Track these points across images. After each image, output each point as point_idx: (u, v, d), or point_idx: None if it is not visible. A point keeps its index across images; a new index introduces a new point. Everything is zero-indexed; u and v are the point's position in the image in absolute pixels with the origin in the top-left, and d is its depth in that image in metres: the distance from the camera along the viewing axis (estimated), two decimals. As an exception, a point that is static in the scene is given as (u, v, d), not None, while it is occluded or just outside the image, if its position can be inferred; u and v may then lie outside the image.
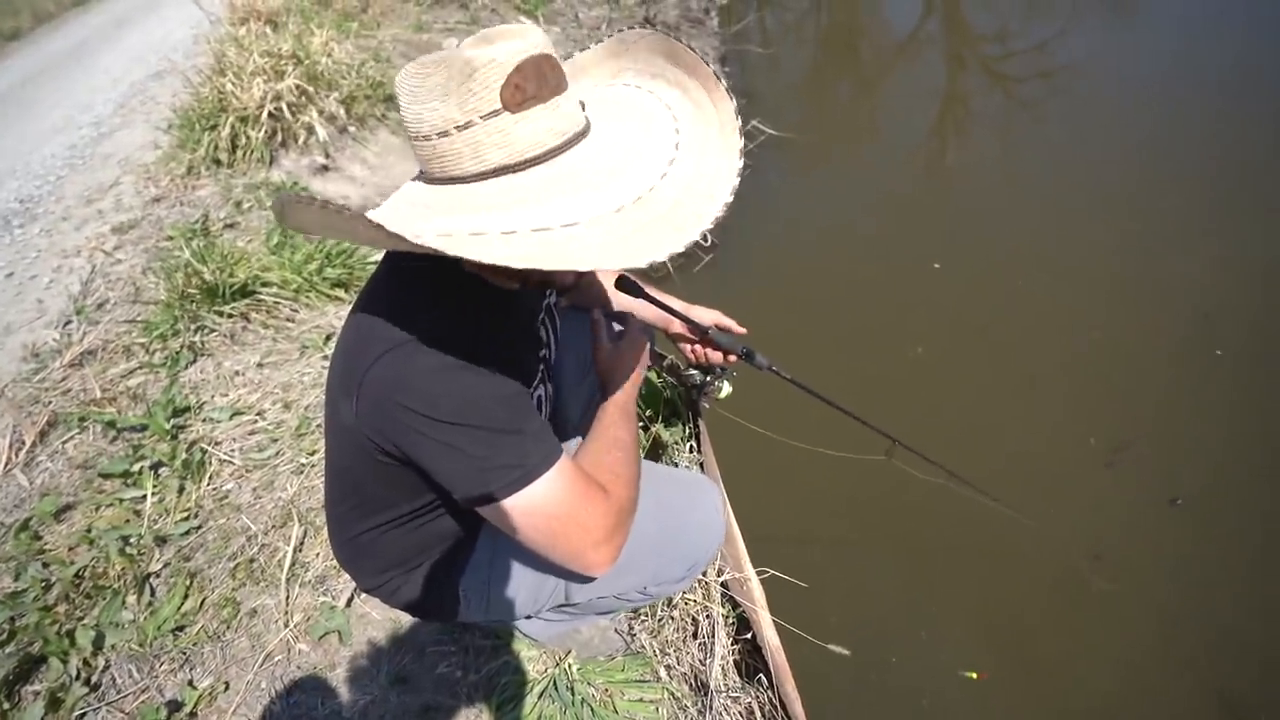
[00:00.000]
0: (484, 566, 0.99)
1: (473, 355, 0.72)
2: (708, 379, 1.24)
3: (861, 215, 3.42)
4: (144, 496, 1.61)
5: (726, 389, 1.24)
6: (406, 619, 1.33)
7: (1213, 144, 3.53)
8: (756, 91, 4.95)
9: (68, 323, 2.30)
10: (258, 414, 1.87)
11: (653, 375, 1.62)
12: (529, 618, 1.11)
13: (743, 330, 1.23)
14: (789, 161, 4.01)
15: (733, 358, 1.22)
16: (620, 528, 0.78)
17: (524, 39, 0.64)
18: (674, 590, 1.12)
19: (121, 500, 1.62)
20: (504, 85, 0.62)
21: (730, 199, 0.68)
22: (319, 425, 1.78)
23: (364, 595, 1.36)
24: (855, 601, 1.70)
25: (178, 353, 2.06)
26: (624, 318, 1.23)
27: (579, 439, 0.95)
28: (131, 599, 1.40)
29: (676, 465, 1.53)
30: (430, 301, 0.75)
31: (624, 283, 1.07)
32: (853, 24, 6.58)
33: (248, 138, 3.14)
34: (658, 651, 1.20)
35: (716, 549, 1.07)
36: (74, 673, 1.27)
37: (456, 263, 0.61)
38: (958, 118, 4.56)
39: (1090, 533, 1.88)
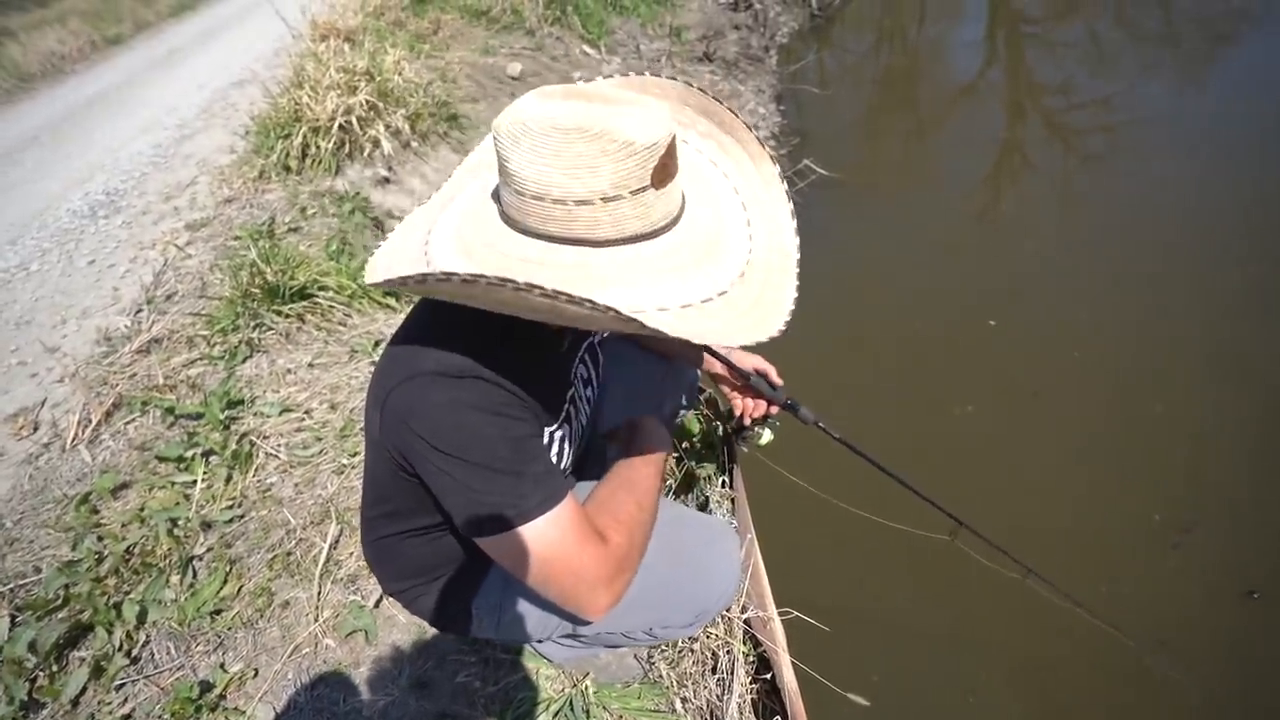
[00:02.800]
0: (497, 589, 1.02)
1: (486, 394, 0.75)
2: (749, 425, 1.24)
3: (912, 264, 3.38)
4: (194, 482, 1.69)
5: (767, 436, 1.22)
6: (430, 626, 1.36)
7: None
8: (810, 131, 4.99)
9: (138, 311, 2.44)
10: (305, 412, 1.95)
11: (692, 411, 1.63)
12: (540, 642, 1.13)
13: (780, 382, 1.21)
14: (840, 203, 4.01)
15: (775, 408, 1.20)
16: (619, 575, 0.78)
17: (657, 112, 0.66)
18: (681, 635, 1.10)
19: (173, 484, 1.70)
20: (656, 166, 0.65)
21: (798, 254, 0.76)
22: (362, 428, 1.84)
23: (389, 598, 1.40)
24: (879, 653, 1.66)
25: (236, 347, 2.16)
26: (665, 353, 1.25)
27: None
28: (175, 579, 1.47)
29: (707, 500, 1.53)
30: (462, 334, 0.76)
31: None
32: (912, 68, 6.60)
33: (318, 147, 3.30)
34: (675, 683, 1.20)
35: (728, 599, 1.05)
36: (117, 644, 1.33)
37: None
38: (1015, 168, 4.51)
39: (1153, 616, 1.76)
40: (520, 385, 0.79)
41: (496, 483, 0.74)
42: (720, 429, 1.57)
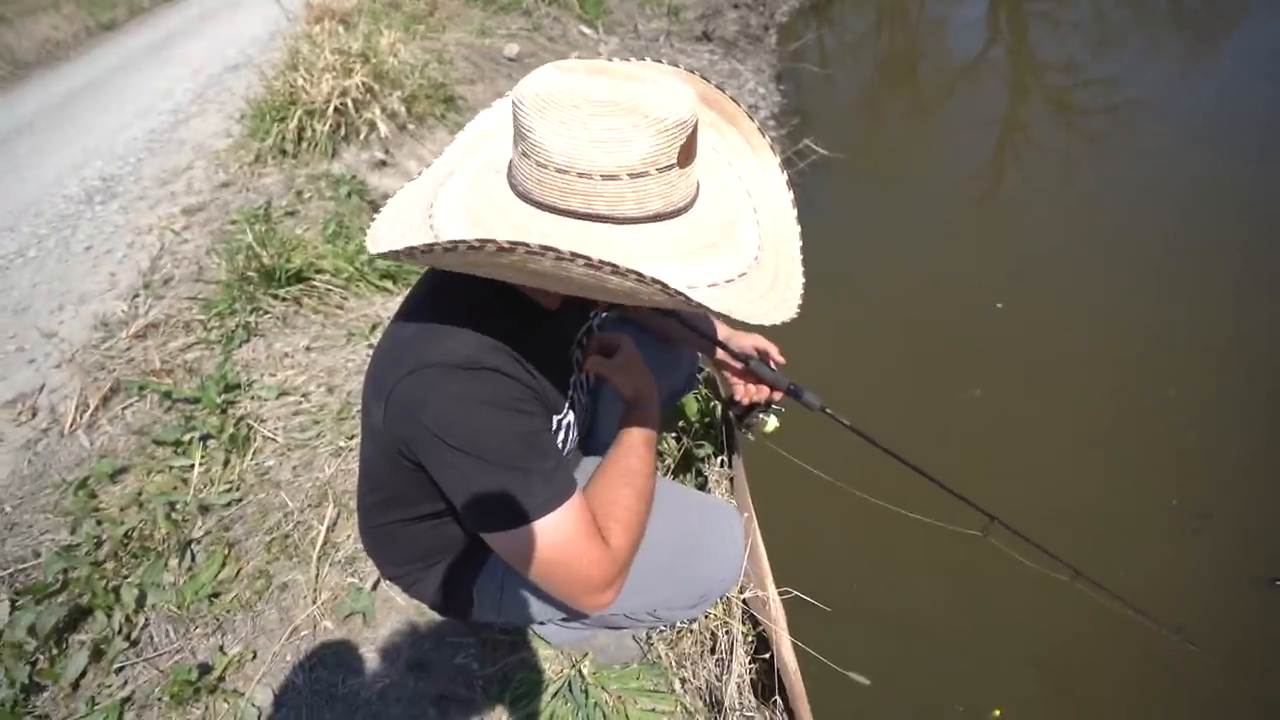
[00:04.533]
0: (498, 573, 1.01)
1: (498, 388, 0.73)
2: (753, 412, 1.21)
3: (915, 244, 3.35)
4: (192, 466, 1.69)
5: (773, 423, 1.19)
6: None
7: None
8: (810, 111, 4.93)
9: (135, 296, 2.43)
10: (302, 395, 1.94)
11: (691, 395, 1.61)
12: (542, 624, 1.12)
13: (781, 360, 1.19)
14: (841, 183, 3.97)
15: (779, 394, 1.18)
16: (618, 577, 0.78)
17: (685, 90, 0.66)
18: (683, 617, 1.10)
19: (171, 468, 1.70)
20: (683, 145, 0.64)
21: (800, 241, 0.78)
22: (359, 411, 1.83)
23: (387, 582, 1.40)
24: (881, 633, 1.65)
25: (233, 331, 2.15)
26: (665, 337, 1.23)
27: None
28: (174, 562, 1.47)
29: (705, 480, 1.52)
30: (467, 320, 0.75)
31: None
32: (914, 47, 6.51)
33: (313, 130, 3.27)
34: (674, 663, 1.20)
35: (732, 582, 1.05)
36: (116, 627, 1.33)
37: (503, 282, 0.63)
38: (1018, 148, 4.45)
39: (1170, 601, 1.73)
40: (530, 374, 0.78)
41: (505, 479, 0.73)
42: (719, 409, 1.55)
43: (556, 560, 0.74)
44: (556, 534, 0.74)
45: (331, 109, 3.30)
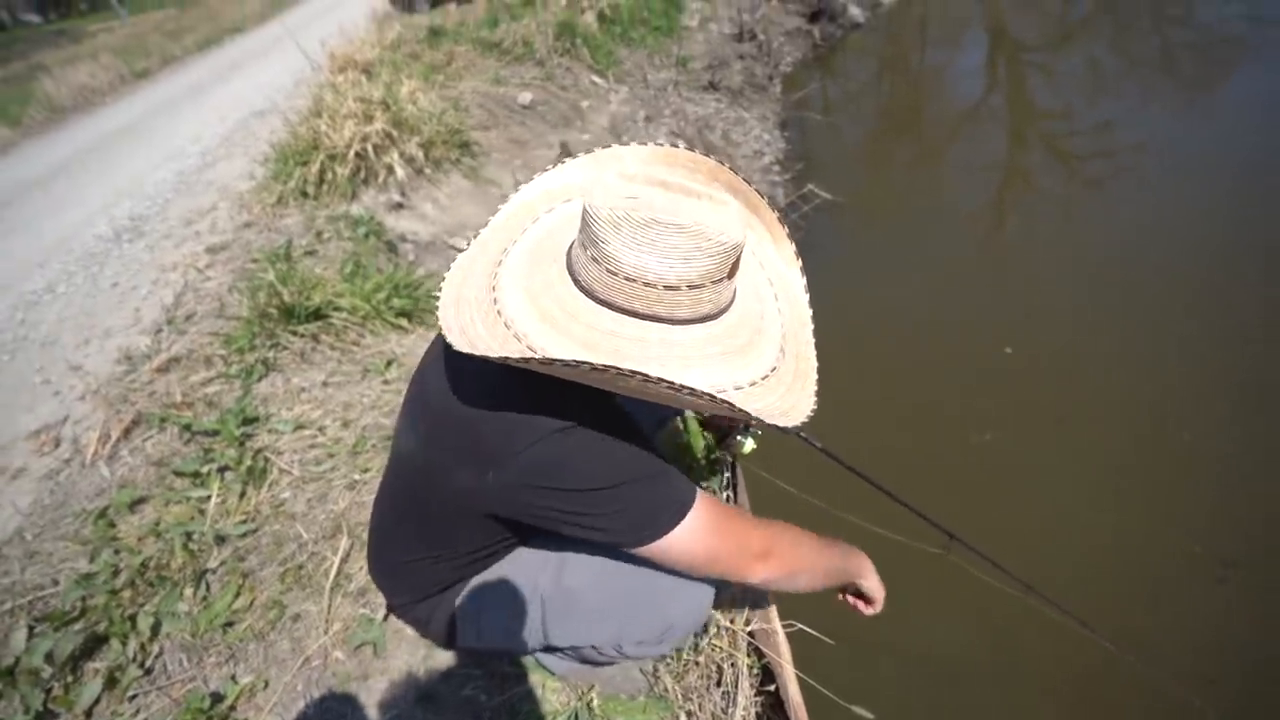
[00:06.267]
0: (476, 598, 1.05)
1: (609, 421, 0.83)
2: (732, 434, 1.25)
3: (919, 288, 3.39)
4: (209, 497, 1.73)
5: (750, 445, 1.23)
6: (438, 638, 1.37)
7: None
8: (814, 157, 5.08)
9: (159, 331, 2.51)
10: (319, 429, 1.99)
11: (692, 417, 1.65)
12: (529, 653, 1.15)
13: None
14: (845, 228, 4.06)
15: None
16: (773, 552, 0.90)
17: (732, 210, 0.75)
18: (652, 653, 1.11)
19: (189, 499, 1.74)
20: (735, 261, 0.74)
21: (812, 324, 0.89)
22: (374, 445, 1.88)
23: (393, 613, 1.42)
24: (885, 667, 1.64)
25: (252, 366, 2.21)
26: None
27: None
28: (189, 591, 1.50)
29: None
30: (557, 392, 0.80)
31: None
32: (914, 95, 6.71)
33: (334, 174, 3.41)
34: (680, 696, 1.21)
35: (698, 618, 1.07)
36: (131, 655, 1.35)
37: None
38: (1018, 193, 4.54)
39: (1199, 651, 1.74)
40: (617, 408, 0.88)
41: (656, 487, 0.83)
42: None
43: (720, 530, 0.86)
44: (709, 514, 0.85)
45: (352, 153, 3.44)
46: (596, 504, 0.81)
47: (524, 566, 1.04)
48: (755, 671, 1.24)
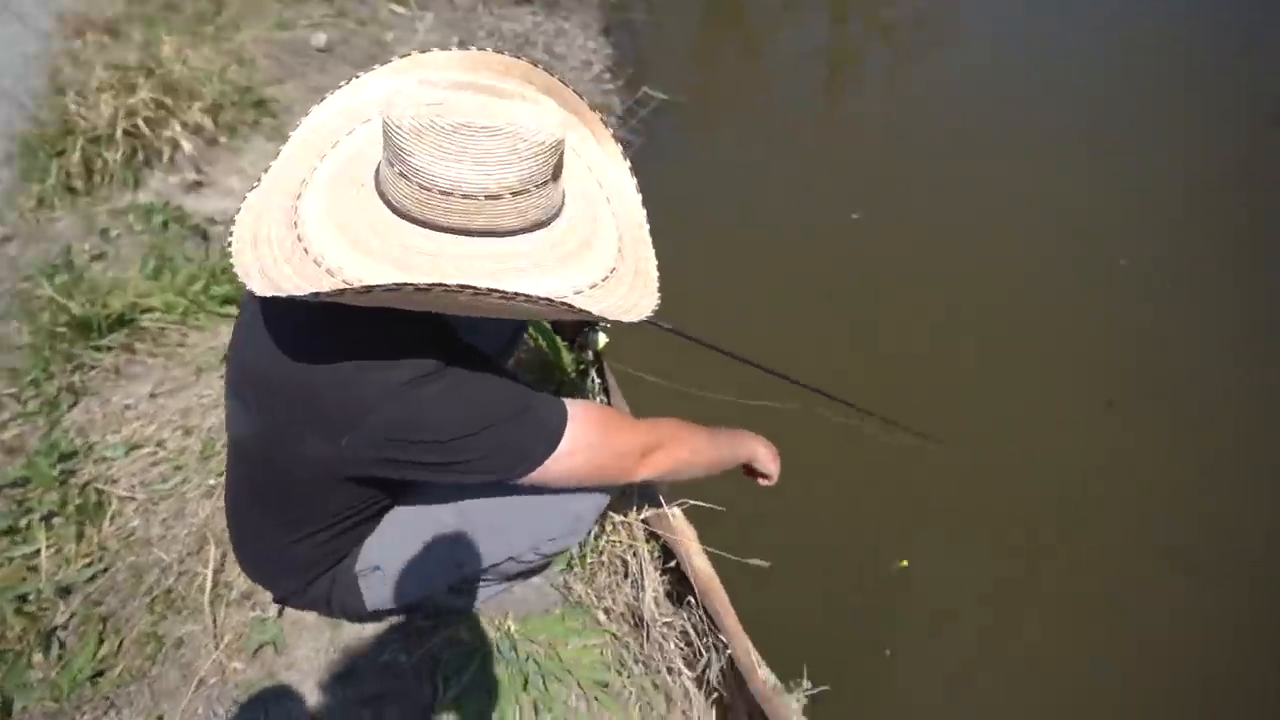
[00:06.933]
0: (373, 554, 1.01)
1: (468, 363, 0.79)
2: (581, 332, 1.24)
3: (765, 173, 3.50)
4: (37, 551, 1.51)
5: (603, 339, 1.24)
6: (343, 617, 1.31)
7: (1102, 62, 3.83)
8: (645, 58, 4.95)
9: (-79, 389, 2.09)
10: (157, 444, 1.77)
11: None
12: (449, 593, 1.13)
13: None
14: (686, 125, 4.05)
15: None
16: (654, 452, 0.91)
17: (549, 107, 0.71)
18: (567, 545, 1.13)
19: (11, 559, 1.51)
20: (557, 160, 0.69)
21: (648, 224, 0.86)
22: (224, 445, 1.70)
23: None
24: (774, 521, 1.77)
25: (56, 396, 1.91)
26: None
27: None
28: (38, 657, 1.32)
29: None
30: (400, 338, 0.77)
31: None
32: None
33: (103, 160, 2.90)
34: (594, 598, 1.24)
35: (605, 497, 1.09)
36: (-15, 744, 1.19)
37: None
38: (849, 70, 4.72)
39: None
40: (466, 345, 0.83)
41: (523, 423, 0.81)
42: (591, 354, 1.57)
43: (595, 444, 0.85)
44: (583, 431, 0.84)
45: (119, 133, 2.93)
46: (463, 452, 0.78)
47: (415, 509, 1.00)
48: (656, 555, 1.29)
